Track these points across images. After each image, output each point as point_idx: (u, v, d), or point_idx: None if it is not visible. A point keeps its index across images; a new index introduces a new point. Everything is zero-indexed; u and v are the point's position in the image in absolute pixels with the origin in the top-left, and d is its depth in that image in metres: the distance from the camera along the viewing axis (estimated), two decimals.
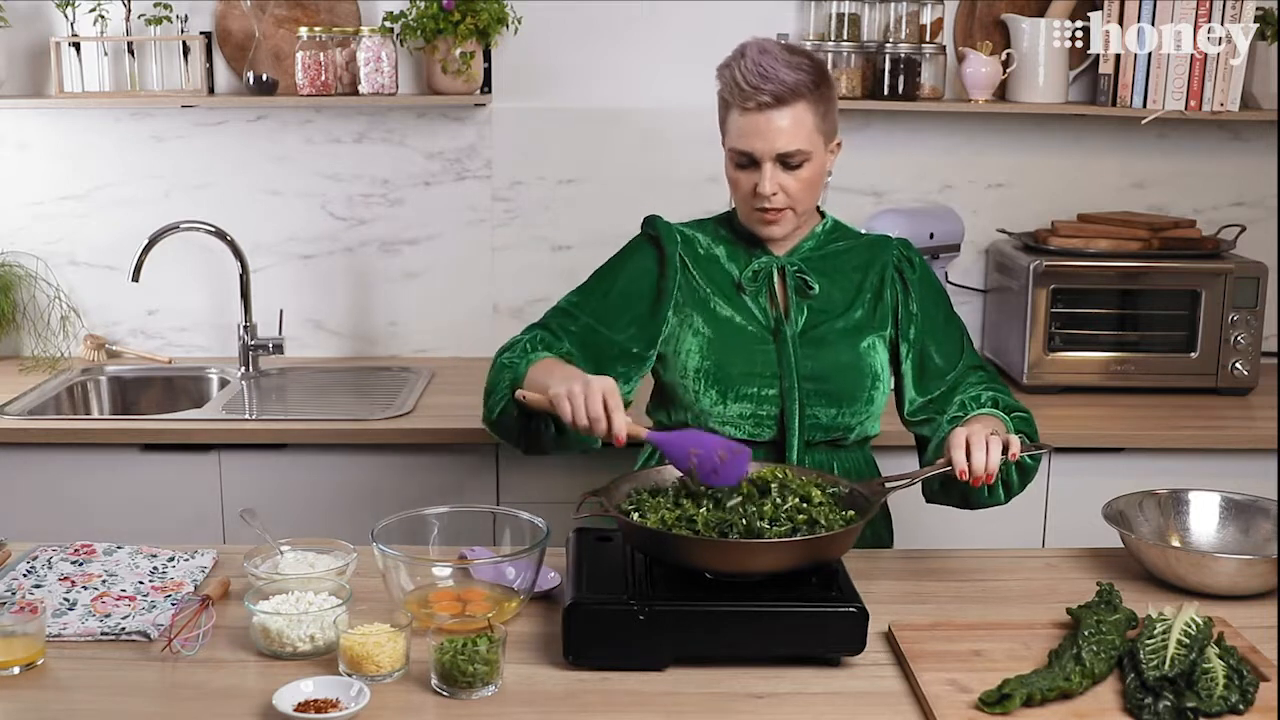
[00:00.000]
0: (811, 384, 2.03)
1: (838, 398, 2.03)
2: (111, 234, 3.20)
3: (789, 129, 1.95)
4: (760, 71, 1.94)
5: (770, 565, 1.65)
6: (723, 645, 1.63)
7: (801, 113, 1.96)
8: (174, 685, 1.61)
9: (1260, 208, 3.25)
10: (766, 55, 1.96)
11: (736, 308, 2.07)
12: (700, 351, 2.04)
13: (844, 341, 2.05)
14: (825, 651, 1.64)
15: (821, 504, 1.73)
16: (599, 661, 1.63)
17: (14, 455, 2.72)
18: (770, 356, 2.03)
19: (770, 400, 2.02)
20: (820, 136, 1.99)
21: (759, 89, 1.94)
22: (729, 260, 2.09)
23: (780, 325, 2.05)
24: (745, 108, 1.96)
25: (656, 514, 1.70)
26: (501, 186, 3.23)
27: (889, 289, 2.10)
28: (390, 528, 1.82)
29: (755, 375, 2.02)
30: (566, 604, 1.63)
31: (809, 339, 2.05)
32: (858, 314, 2.07)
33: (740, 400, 2.02)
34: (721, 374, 2.02)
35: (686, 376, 2.05)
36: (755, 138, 1.96)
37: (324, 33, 3.01)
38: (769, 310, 2.06)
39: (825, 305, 2.07)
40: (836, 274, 2.09)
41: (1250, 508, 2.01)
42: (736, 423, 2.03)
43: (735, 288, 2.07)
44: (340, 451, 2.73)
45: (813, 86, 1.96)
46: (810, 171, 1.99)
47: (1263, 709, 1.52)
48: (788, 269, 2.07)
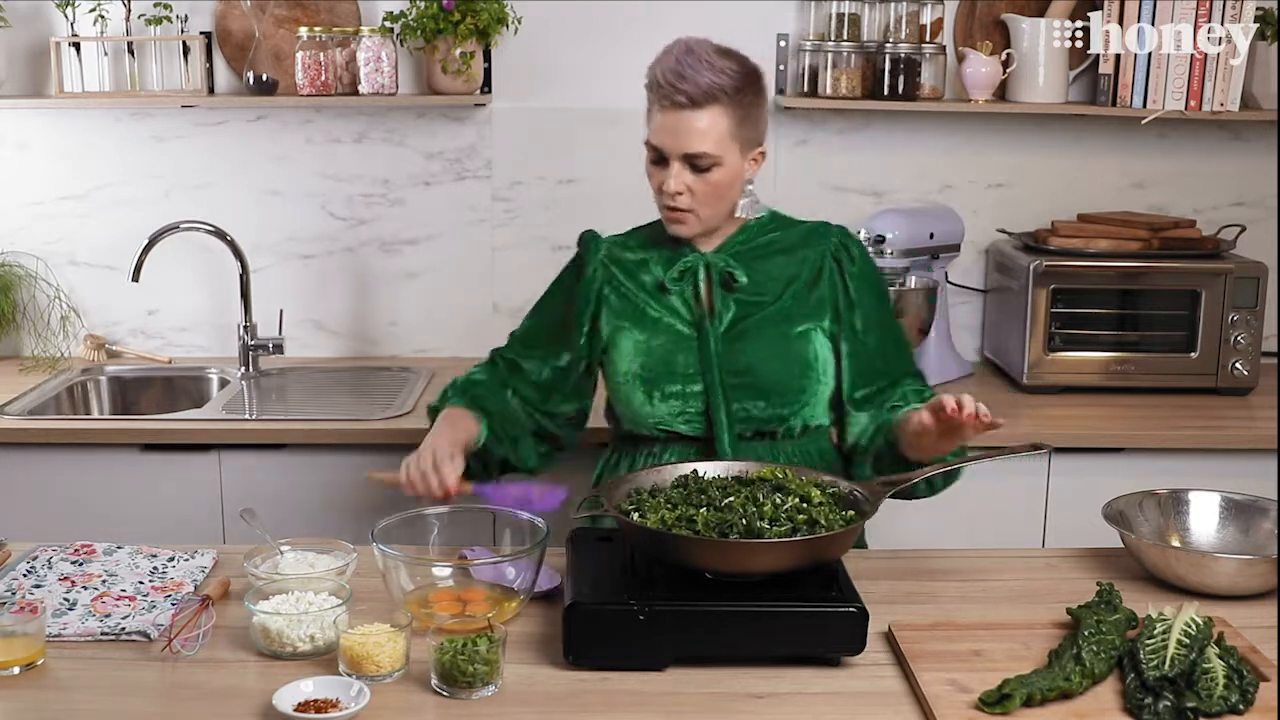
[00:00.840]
0: (737, 378, 2.05)
1: (766, 390, 2.05)
2: (111, 234, 3.20)
3: (699, 131, 1.97)
4: (678, 71, 1.97)
5: (770, 565, 1.65)
6: (723, 645, 1.63)
7: (716, 116, 1.97)
8: (174, 685, 1.61)
9: (1260, 208, 3.25)
10: (690, 55, 1.98)
11: (665, 308, 2.10)
12: (630, 354, 2.08)
13: (772, 333, 2.07)
14: (825, 651, 1.64)
15: (821, 504, 1.73)
16: (599, 661, 1.63)
17: (14, 455, 2.72)
18: (693, 354, 2.06)
19: (696, 397, 2.05)
20: (735, 143, 2.00)
21: (675, 88, 1.96)
22: (659, 262, 2.12)
23: (704, 322, 2.07)
24: (663, 105, 1.99)
25: (656, 514, 1.70)
26: (501, 186, 3.23)
27: (826, 278, 2.10)
28: (390, 528, 1.82)
29: (679, 374, 2.05)
30: (566, 604, 1.63)
31: (735, 333, 2.07)
32: (789, 303, 2.08)
33: (667, 399, 2.06)
34: (648, 375, 2.07)
35: (619, 379, 2.10)
36: (666, 135, 1.99)
37: (324, 33, 3.01)
38: (694, 308, 2.08)
39: (755, 298, 2.08)
40: (769, 265, 2.10)
41: (1250, 508, 2.01)
42: (667, 420, 2.07)
43: (660, 287, 2.10)
44: (340, 451, 2.73)
45: (732, 91, 1.97)
46: (720, 176, 2.00)
47: (1263, 709, 1.52)
48: (714, 265, 2.09)
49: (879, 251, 2.99)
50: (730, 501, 1.72)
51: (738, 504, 1.71)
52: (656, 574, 1.70)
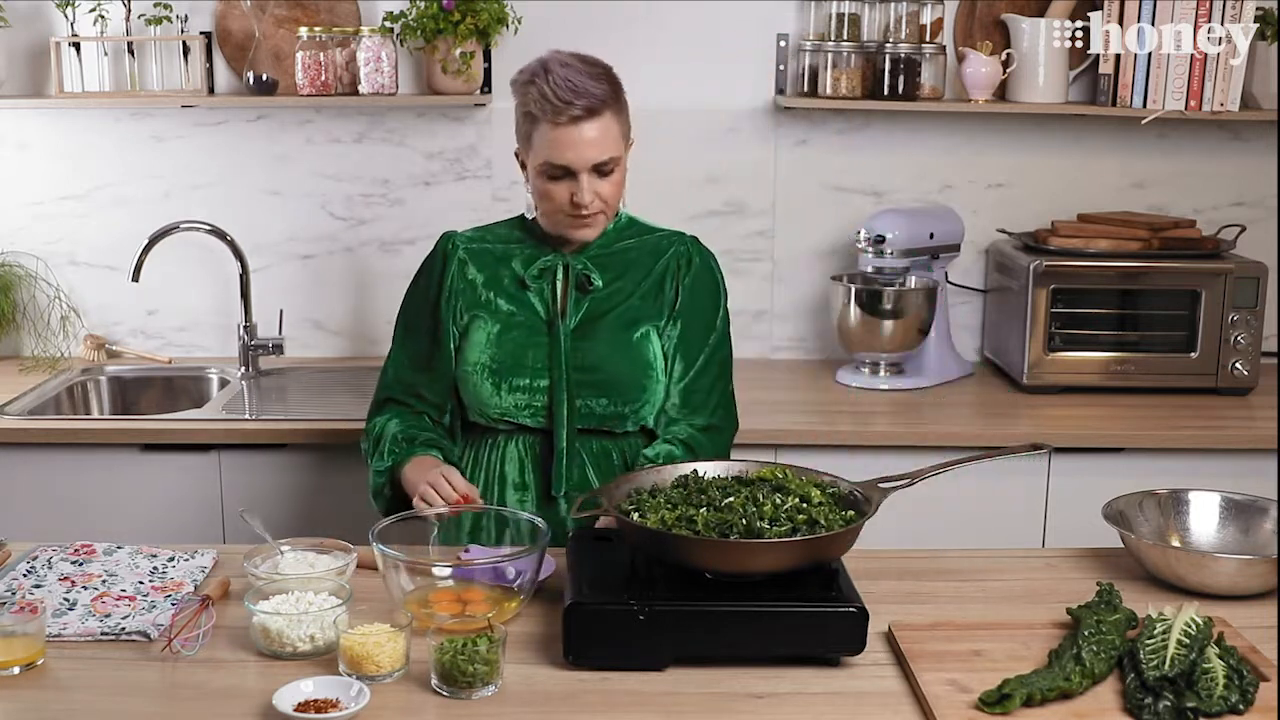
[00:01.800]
0: (582, 374, 2.11)
1: (608, 388, 2.12)
2: (111, 234, 3.20)
3: (599, 139, 2.04)
4: (570, 86, 2.02)
5: (770, 565, 1.65)
6: (723, 645, 1.63)
7: (608, 122, 2.05)
8: (174, 685, 1.61)
9: (1260, 208, 3.25)
10: (569, 69, 2.04)
11: (518, 304, 2.15)
12: (481, 346, 2.13)
13: (618, 333, 2.14)
14: (825, 651, 1.64)
15: (821, 504, 1.73)
16: (599, 661, 1.63)
17: (14, 455, 2.72)
18: (543, 349, 2.11)
19: (541, 391, 2.11)
20: (623, 141, 2.10)
21: (571, 104, 2.02)
22: (519, 259, 2.18)
23: (555, 320, 2.12)
24: (557, 122, 2.02)
25: (656, 514, 1.70)
26: (501, 186, 3.23)
27: (670, 282, 2.18)
28: (390, 528, 1.82)
29: (528, 368, 2.11)
30: (566, 604, 1.63)
31: (584, 332, 2.13)
32: (635, 304, 2.16)
33: (514, 391, 2.12)
34: (498, 366, 2.12)
35: (468, 368, 2.14)
36: (569, 150, 2.04)
37: (324, 33, 3.01)
38: (549, 305, 2.14)
39: (606, 299, 2.15)
40: (623, 268, 2.18)
41: (1250, 508, 2.01)
42: (511, 412, 2.12)
43: (519, 283, 2.15)
44: (340, 451, 2.73)
45: (614, 96, 2.07)
46: (619, 175, 2.10)
47: (1263, 709, 1.52)
48: (572, 265, 2.15)
49: (879, 252, 2.99)
50: (730, 501, 1.72)
51: (738, 504, 1.71)
52: (656, 574, 1.70)
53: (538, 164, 2.08)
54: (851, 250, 3.18)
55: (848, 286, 3.03)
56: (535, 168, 2.09)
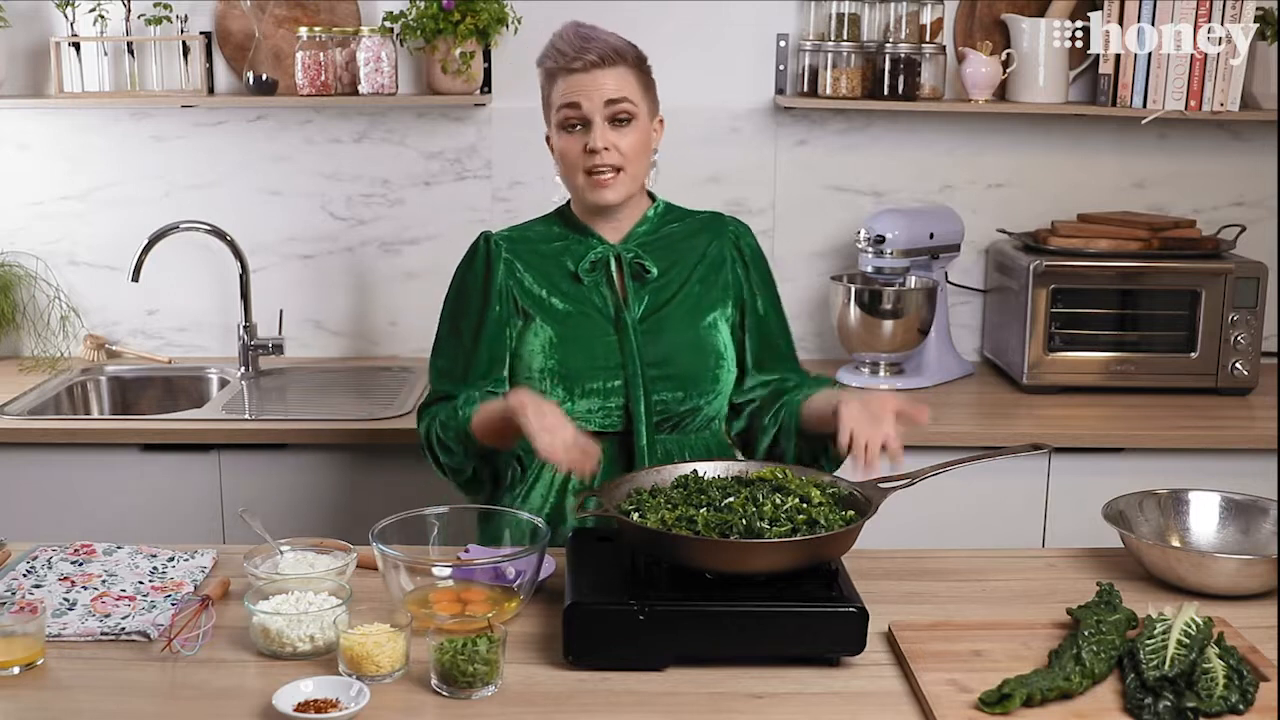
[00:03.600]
0: (655, 369, 2.05)
1: (682, 380, 2.06)
2: (111, 234, 3.20)
3: (614, 83, 2.00)
4: (581, 35, 2.02)
5: (770, 565, 1.65)
6: (723, 645, 1.63)
7: (624, 74, 2.01)
8: (174, 685, 1.61)
9: (1260, 208, 3.25)
10: (585, 27, 2.04)
11: (576, 301, 2.08)
12: (544, 351, 2.05)
13: (685, 322, 2.08)
14: (825, 651, 1.64)
15: (821, 504, 1.73)
16: (599, 661, 1.63)
17: (14, 455, 2.72)
18: (613, 346, 2.05)
19: (616, 392, 2.04)
20: (644, 104, 2.04)
21: (584, 49, 1.99)
22: (566, 254, 2.10)
23: (620, 313, 2.07)
24: (571, 69, 2.00)
25: (656, 514, 1.70)
26: (501, 186, 3.23)
27: (729, 266, 2.14)
28: (390, 528, 1.82)
29: (600, 368, 2.03)
30: (566, 604, 1.63)
31: (650, 324, 2.07)
32: (696, 292, 2.10)
33: (587, 396, 2.03)
34: (566, 371, 2.04)
35: (533, 377, 2.06)
36: (581, 94, 1.99)
37: (324, 33, 3.01)
38: (609, 299, 2.08)
39: (664, 287, 2.09)
40: (674, 255, 2.12)
41: (1250, 508, 2.01)
42: (586, 417, 2.04)
43: (573, 279, 2.08)
44: (340, 451, 2.73)
45: (634, 58, 2.03)
46: (637, 135, 2.02)
47: (1263, 709, 1.52)
48: (624, 255, 2.09)
49: (879, 252, 2.99)
50: (730, 502, 1.72)
51: (738, 504, 1.71)
52: (656, 574, 1.70)
53: (555, 121, 2.03)
54: (851, 250, 3.18)
55: (848, 286, 3.03)
56: (554, 126, 2.04)
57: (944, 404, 2.96)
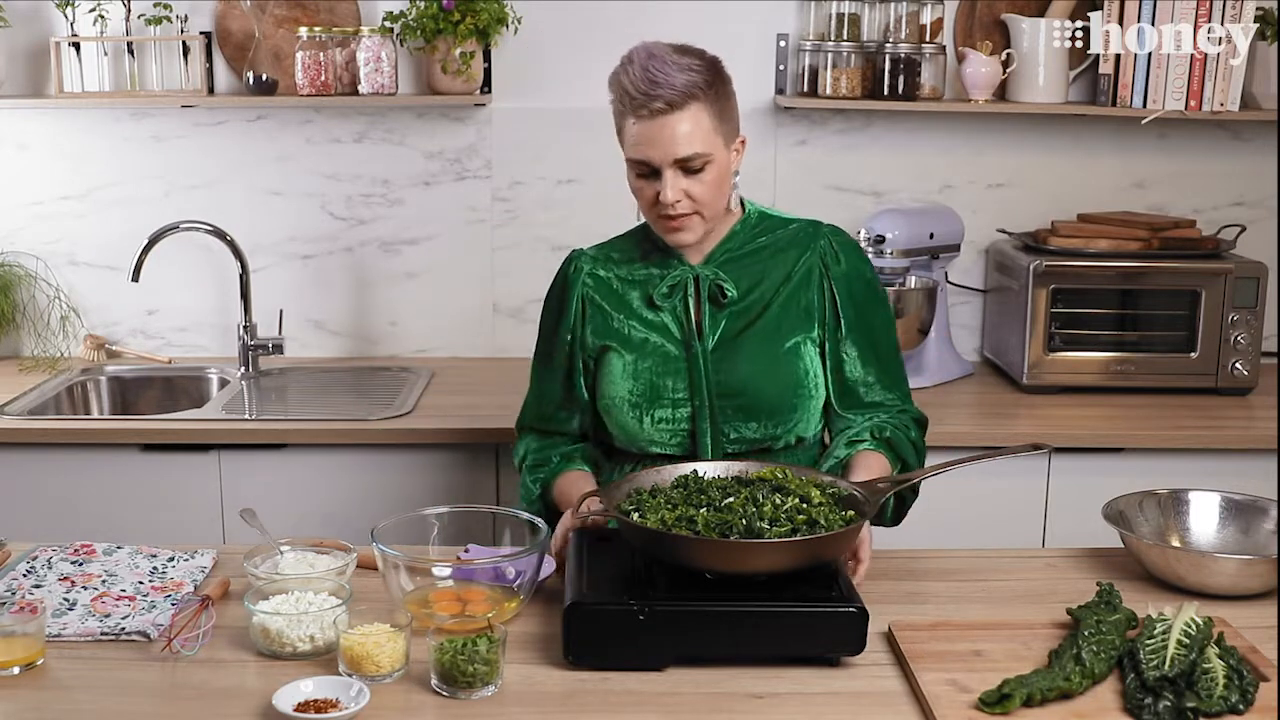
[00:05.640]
0: (726, 400, 2.00)
1: (756, 411, 2.00)
2: (111, 234, 3.20)
3: (686, 134, 1.89)
4: (649, 77, 1.88)
5: (770, 565, 1.65)
6: (723, 645, 1.63)
7: (697, 114, 1.90)
8: (174, 685, 1.61)
9: (1260, 208, 3.25)
10: (654, 60, 1.90)
11: (652, 327, 2.04)
12: (619, 378, 2.03)
13: (762, 348, 2.01)
14: (825, 651, 1.64)
15: (821, 504, 1.73)
16: (599, 662, 1.63)
17: (14, 455, 2.72)
18: (682, 376, 2.01)
19: (684, 419, 2.01)
20: (719, 137, 1.93)
21: (650, 95, 1.88)
22: (646, 276, 2.06)
23: (691, 341, 2.02)
24: (639, 115, 1.90)
25: (656, 514, 1.70)
26: (501, 186, 3.23)
27: (815, 285, 2.04)
28: (390, 528, 1.82)
29: (668, 398, 2.01)
30: (566, 604, 1.63)
31: (724, 352, 2.01)
32: (777, 313, 2.02)
33: (657, 425, 2.02)
34: (636, 399, 2.02)
35: (608, 402, 2.05)
36: (651, 146, 1.91)
37: (324, 33, 3.01)
38: (684, 325, 2.03)
39: (743, 311, 2.02)
40: (759, 272, 2.04)
41: (1250, 508, 2.01)
42: (658, 442, 2.03)
43: (650, 304, 2.04)
44: (340, 451, 2.73)
45: (705, 86, 1.90)
46: (713, 174, 1.94)
47: (1263, 709, 1.52)
48: (702, 279, 2.03)
49: (879, 252, 2.99)
50: (730, 502, 1.72)
51: (737, 504, 1.71)
52: (656, 574, 1.70)
53: (628, 161, 1.96)
54: None
55: None
56: (627, 165, 1.97)
57: (944, 404, 2.96)
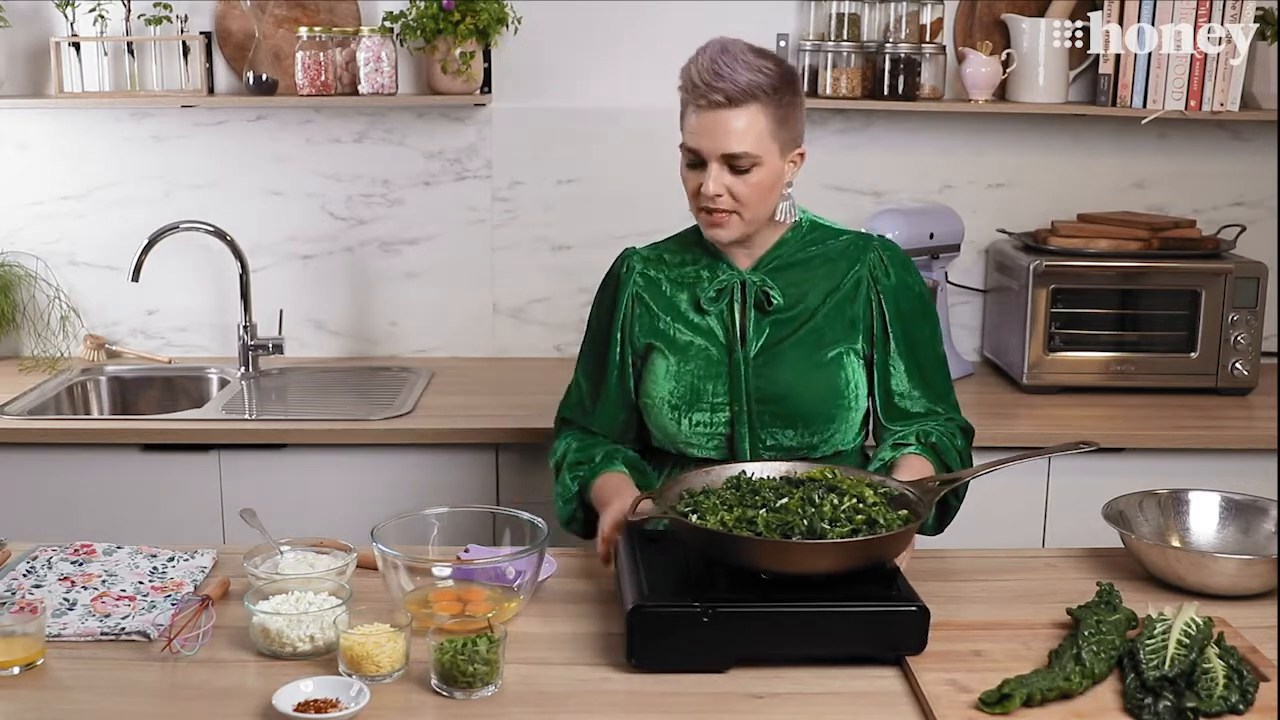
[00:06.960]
0: (765, 406, 2.01)
1: (794, 419, 2.01)
2: (111, 234, 3.20)
3: (739, 131, 1.90)
4: (715, 70, 1.90)
5: (833, 565, 1.64)
6: (785, 645, 1.63)
7: (755, 115, 1.90)
8: (174, 685, 1.61)
9: (1260, 208, 3.25)
10: (726, 54, 1.91)
11: (697, 330, 2.05)
12: (661, 378, 2.04)
13: (805, 358, 2.01)
14: (887, 650, 1.64)
15: (876, 504, 1.72)
16: (662, 664, 1.62)
17: (14, 455, 2.72)
18: (723, 381, 2.02)
19: (722, 424, 2.02)
20: (775, 143, 1.93)
21: (712, 87, 1.89)
22: (696, 279, 2.07)
23: (735, 347, 2.02)
24: (699, 105, 1.92)
25: (715, 515, 1.69)
26: (501, 186, 3.23)
27: (862, 297, 2.04)
28: (390, 528, 1.82)
29: (707, 402, 2.02)
30: (629, 607, 1.62)
31: (767, 358, 2.01)
32: (821, 323, 2.02)
33: (695, 426, 2.03)
34: (677, 401, 2.03)
35: (648, 400, 2.07)
36: (704, 136, 1.92)
37: (324, 33, 3.01)
38: (728, 330, 2.03)
39: (790, 319, 2.02)
40: (808, 282, 2.04)
41: (1250, 508, 2.01)
42: (695, 444, 2.04)
43: (697, 307, 2.05)
44: (340, 451, 2.73)
45: (770, 90, 1.90)
46: (760, 177, 1.93)
47: (1263, 709, 1.52)
48: (749, 284, 2.03)
49: None
50: (785, 503, 1.71)
51: (793, 505, 1.70)
52: (714, 575, 1.69)
53: (680, 146, 1.97)
54: None
55: None
56: (680, 150, 1.97)
57: None
